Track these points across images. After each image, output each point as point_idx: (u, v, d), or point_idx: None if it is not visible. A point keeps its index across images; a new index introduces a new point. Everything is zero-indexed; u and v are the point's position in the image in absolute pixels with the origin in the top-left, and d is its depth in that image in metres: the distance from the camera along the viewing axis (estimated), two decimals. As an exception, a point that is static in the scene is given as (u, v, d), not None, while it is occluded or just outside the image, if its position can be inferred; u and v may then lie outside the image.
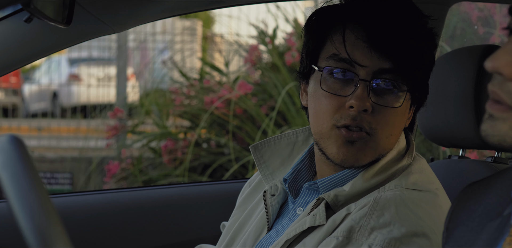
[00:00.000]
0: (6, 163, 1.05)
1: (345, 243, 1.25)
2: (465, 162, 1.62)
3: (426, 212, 1.27)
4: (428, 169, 1.39)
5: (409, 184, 1.32)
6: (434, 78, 1.59)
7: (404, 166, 1.36)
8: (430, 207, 1.29)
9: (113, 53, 7.53)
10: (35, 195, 1.03)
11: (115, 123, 5.34)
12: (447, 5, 2.08)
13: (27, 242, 1.01)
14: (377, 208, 1.26)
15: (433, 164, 1.70)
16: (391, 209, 1.25)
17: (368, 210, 1.26)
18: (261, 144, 1.52)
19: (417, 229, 1.23)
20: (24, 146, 1.07)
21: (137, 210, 2.14)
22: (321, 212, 1.32)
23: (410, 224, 1.24)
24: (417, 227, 1.24)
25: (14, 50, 1.58)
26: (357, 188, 1.33)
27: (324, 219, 1.31)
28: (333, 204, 1.33)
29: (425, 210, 1.28)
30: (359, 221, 1.26)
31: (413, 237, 1.22)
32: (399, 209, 1.25)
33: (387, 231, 1.23)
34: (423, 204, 1.29)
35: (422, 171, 1.37)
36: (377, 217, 1.25)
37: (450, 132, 1.55)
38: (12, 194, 1.03)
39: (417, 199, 1.29)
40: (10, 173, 1.04)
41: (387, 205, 1.26)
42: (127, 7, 1.63)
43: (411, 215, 1.25)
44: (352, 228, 1.25)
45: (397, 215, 1.24)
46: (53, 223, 1.01)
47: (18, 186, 1.03)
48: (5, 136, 1.08)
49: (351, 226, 1.26)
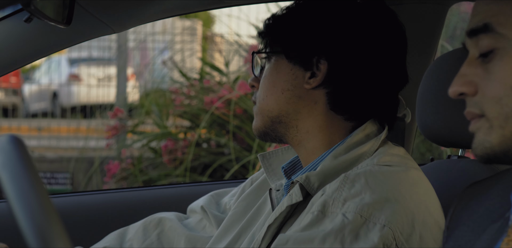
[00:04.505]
0: (6, 163, 1.05)
1: (320, 218, 1.25)
2: (464, 161, 1.62)
3: (396, 181, 1.28)
4: (403, 155, 1.39)
5: (380, 161, 1.33)
6: (434, 78, 1.60)
7: (371, 148, 1.37)
8: (401, 177, 1.30)
9: (113, 53, 7.53)
10: (35, 195, 1.03)
11: (115, 123, 5.34)
12: (447, 5, 2.09)
13: (27, 242, 1.01)
14: (348, 181, 1.27)
15: (433, 164, 1.70)
16: (361, 180, 1.26)
17: (339, 184, 1.27)
18: (269, 154, 1.56)
19: (388, 195, 1.24)
20: (24, 146, 1.07)
21: (137, 210, 2.15)
22: (296, 190, 1.33)
23: (381, 191, 1.25)
24: (388, 193, 1.25)
25: (14, 50, 1.58)
26: (326, 166, 1.35)
27: (300, 196, 1.32)
28: (307, 186, 1.33)
29: (395, 179, 1.29)
30: (331, 195, 1.26)
31: (385, 202, 1.23)
32: (369, 179, 1.27)
33: (359, 199, 1.24)
34: (394, 174, 1.30)
35: (395, 155, 1.37)
36: (349, 188, 1.26)
37: (449, 131, 1.55)
38: (12, 194, 1.03)
39: (387, 172, 1.30)
40: (10, 173, 1.04)
41: (357, 178, 1.27)
42: (127, 7, 1.63)
43: (381, 184, 1.26)
44: (325, 202, 1.26)
45: (367, 184, 1.26)
46: (53, 223, 1.01)
47: (18, 186, 1.03)
48: (5, 136, 1.08)
49: (325, 200, 1.26)
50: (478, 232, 1.05)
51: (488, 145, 0.98)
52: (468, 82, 1.00)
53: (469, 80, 1.00)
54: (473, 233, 1.06)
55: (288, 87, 1.40)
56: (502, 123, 0.97)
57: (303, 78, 1.39)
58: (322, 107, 1.40)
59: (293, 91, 1.39)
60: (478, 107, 1.00)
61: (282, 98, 1.40)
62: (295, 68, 1.40)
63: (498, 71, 0.97)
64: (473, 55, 1.02)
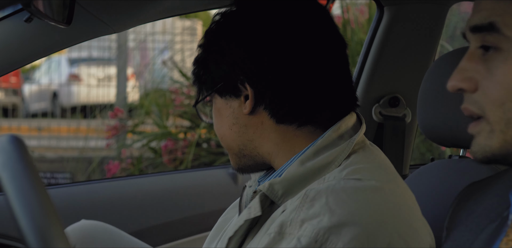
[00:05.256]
0: (6, 163, 1.05)
1: (277, 240, 1.20)
2: (465, 161, 1.62)
3: (361, 201, 1.19)
4: (379, 163, 1.32)
5: (349, 174, 1.25)
6: (434, 78, 1.60)
7: (342, 154, 1.30)
8: (368, 196, 1.20)
9: (113, 53, 7.53)
10: (35, 195, 1.03)
11: (115, 123, 5.34)
12: (447, 5, 2.09)
13: (27, 242, 1.01)
14: (307, 200, 1.20)
15: (434, 164, 1.70)
16: (322, 200, 1.19)
17: (298, 203, 1.21)
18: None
19: (347, 218, 1.16)
20: (25, 146, 1.07)
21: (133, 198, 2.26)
22: (256, 203, 1.28)
23: (341, 213, 1.16)
24: (348, 216, 1.16)
25: (14, 50, 1.58)
26: (291, 173, 1.30)
27: (259, 210, 1.27)
28: (271, 195, 1.28)
29: (361, 199, 1.19)
30: (289, 215, 1.21)
31: (344, 226, 1.15)
32: (330, 198, 1.19)
33: (317, 221, 1.16)
34: (360, 193, 1.20)
35: (369, 164, 1.29)
36: (307, 208, 1.19)
37: (450, 131, 1.55)
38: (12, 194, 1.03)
39: (353, 189, 1.20)
40: (10, 173, 1.04)
41: (318, 196, 1.20)
42: (127, 7, 1.63)
43: (343, 204, 1.17)
44: (283, 222, 1.20)
45: (327, 204, 1.18)
46: (53, 223, 1.01)
47: (18, 186, 1.03)
48: (5, 136, 1.08)
49: (282, 221, 1.21)
50: (476, 231, 1.05)
51: (489, 149, 0.98)
52: (469, 78, 1.00)
53: (469, 76, 1.00)
54: (472, 232, 1.06)
55: (232, 121, 1.38)
56: (504, 128, 0.96)
57: (239, 107, 1.37)
58: (270, 124, 1.36)
59: (238, 123, 1.38)
60: (477, 106, 0.99)
61: (233, 134, 1.39)
62: (229, 101, 1.38)
63: (502, 74, 0.96)
64: (474, 48, 1.01)
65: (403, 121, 2.15)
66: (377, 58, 2.11)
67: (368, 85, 2.13)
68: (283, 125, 1.35)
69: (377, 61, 2.11)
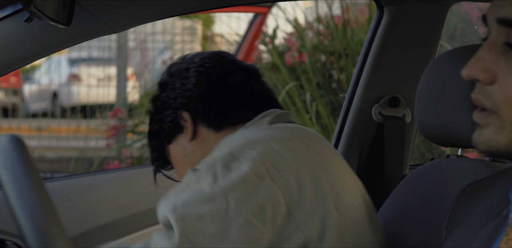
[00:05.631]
0: (6, 163, 1.05)
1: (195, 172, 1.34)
2: (463, 161, 1.62)
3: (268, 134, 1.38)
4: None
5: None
6: (433, 77, 1.60)
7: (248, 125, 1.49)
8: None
9: (113, 53, 7.53)
10: (35, 195, 1.03)
11: (115, 123, 5.34)
12: (447, 5, 2.09)
13: (27, 242, 1.01)
14: (218, 147, 1.38)
15: (432, 164, 1.70)
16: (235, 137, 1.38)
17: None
18: None
19: (257, 138, 1.34)
20: (25, 146, 1.08)
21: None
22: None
23: (249, 137, 1.35)
24: (257, 138, 1.35)
25: (14, 50, 1.58)
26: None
27: None
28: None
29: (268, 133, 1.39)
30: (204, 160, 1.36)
31: (256, 143, 1.32)
32: (238, 135, 1.38)
33: (231, 143, 1.35)
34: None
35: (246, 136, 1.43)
36: (218, 150, 1.37)
37: (449, 131, 1.55)
38: (12, 194, 1.03)
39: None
40: (10, 173, 1.04)
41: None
42: (127, 7, 1.63)
43: (250, 133, 1.38)
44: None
45: (237, 136, 1.38)
46: (53, 223, 1.01)
47: (18, 186, 1.03)
48: (5, 136, 1.09)
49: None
50: (476, 230, 1.05)
51: (495, 144, 0.95)
52: (487, 69, 0.94)
53: (488, 67, 0.94)
54: (471, 232, 1.06)
55: (183, 154, 1.54)
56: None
57: (184, 138, 1.54)
58: (211, 136, 1.52)
59: (187, 153, 1.54)
60: (490, 101, 0.95)
61: (187, 165, 1.52)
62: (177, 139, 1.55)
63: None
64: (497, 40, 0.95)
65: (403, 121, 2.15)
66: (377, 58, 2.11)
67: (368, 85, 2.13)
68: (222, 133, 1.50)
69: (377, 61, 2.11)
